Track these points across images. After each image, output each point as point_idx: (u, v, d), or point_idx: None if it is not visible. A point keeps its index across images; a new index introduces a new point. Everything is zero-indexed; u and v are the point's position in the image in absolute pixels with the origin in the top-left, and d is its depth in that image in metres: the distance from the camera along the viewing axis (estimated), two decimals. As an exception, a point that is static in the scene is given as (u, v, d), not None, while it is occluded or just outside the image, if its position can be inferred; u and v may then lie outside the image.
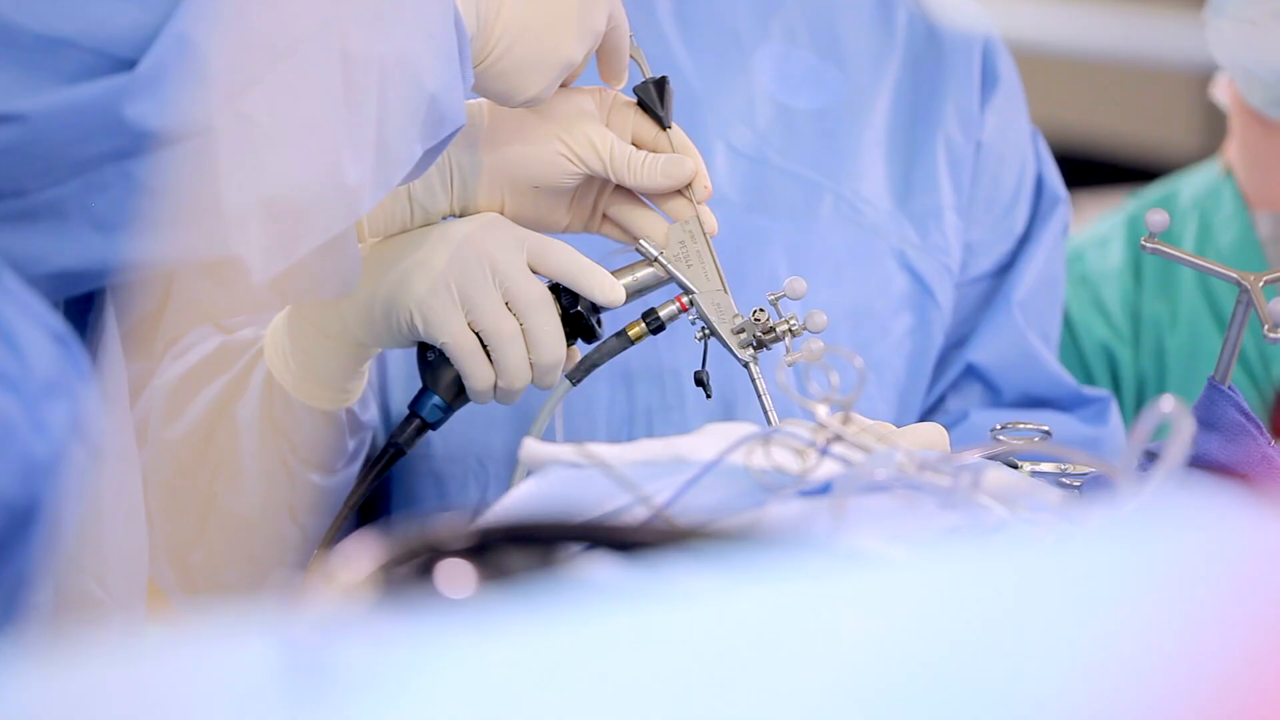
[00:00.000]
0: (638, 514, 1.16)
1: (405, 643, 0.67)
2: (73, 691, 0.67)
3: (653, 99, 1.57)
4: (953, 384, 1.86)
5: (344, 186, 1.30)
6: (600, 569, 0.87)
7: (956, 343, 1.86)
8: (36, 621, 1.26)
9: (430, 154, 1.40)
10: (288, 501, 1.66)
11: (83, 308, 1.34)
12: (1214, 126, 5.38)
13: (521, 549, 0.83)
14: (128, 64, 1.20)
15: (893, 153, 1.84)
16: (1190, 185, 2.24)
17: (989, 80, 1.87)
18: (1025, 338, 1.86)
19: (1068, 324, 2.17)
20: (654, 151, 1.57)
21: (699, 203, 1.57)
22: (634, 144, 1.57)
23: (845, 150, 1.82)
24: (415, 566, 0.80)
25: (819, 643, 0.66)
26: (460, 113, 1.40)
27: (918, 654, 0.66)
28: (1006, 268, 1.88)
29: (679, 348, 1.74)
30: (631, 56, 1.57)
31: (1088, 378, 2.17)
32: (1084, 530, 0.86)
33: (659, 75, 1.58)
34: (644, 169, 1.55)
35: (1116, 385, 2.16)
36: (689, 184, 1.56)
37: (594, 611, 0.70)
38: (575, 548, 0.88)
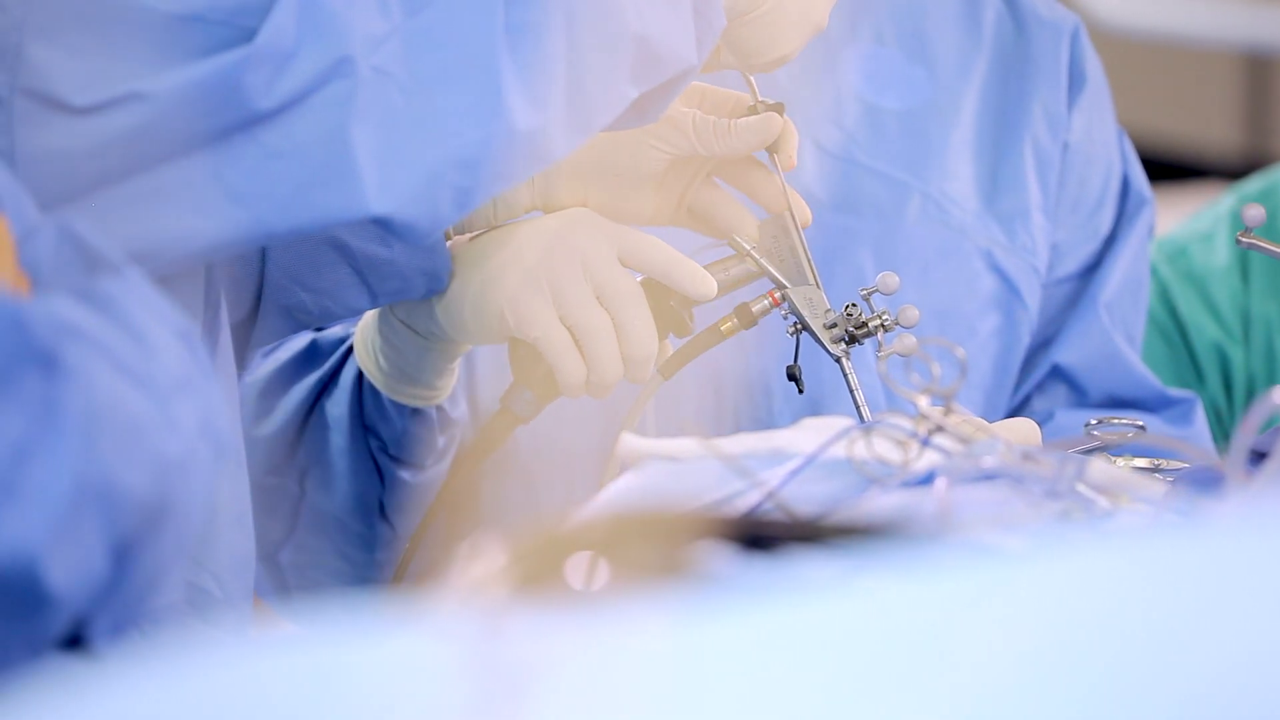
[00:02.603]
0: (746, 505, 1.15)
1: (571, 637, 0.66)
2: (248, 686, 0.67)
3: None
4: (1038, 385, 1.85)
5: (515, 132, 1.29)
6: (724, 563, 0.86)
7: (1042, 343, 1.86)
8: (168, 621, 1.26)
9: (655, 98, 1.37)
10: (378, 499, 1.66)
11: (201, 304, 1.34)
12: (1260, 119, 5.22)
13: (650, 542, 0.82)
14: (253, 33, 1.19)
15: (980, 153, 1.83)
16: None
17: (1076, 80, 1.87)
18: (1111, 339, 1.85)
19: (1177, 323, 2.16)
20: (752, 170, 1.56)
21: (785, 169, 1.56)
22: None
23: (933, 150, 1.82)
24: (547, 561, 0.80)
25: (979, 638, 0.66)
26: (687, 54, 1.37)
27: (1079, 648, 0.65)
28: (1092, 269, 1.87)
29: (766, 345, 1.74)
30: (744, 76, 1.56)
31: (1199, 378, 2.15)
32: (1218, 523, 0.85)
33: (776, 101, 1.56)
34: (733, 133, 1.52)
35: (1228, 386, 2.14)
36: (780, 163, 1.54)
37: (749, 606, 0.69)
38: (702, 541, 0.88)
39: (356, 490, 1.66)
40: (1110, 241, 1.88)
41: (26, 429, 0.92)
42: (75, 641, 0.98)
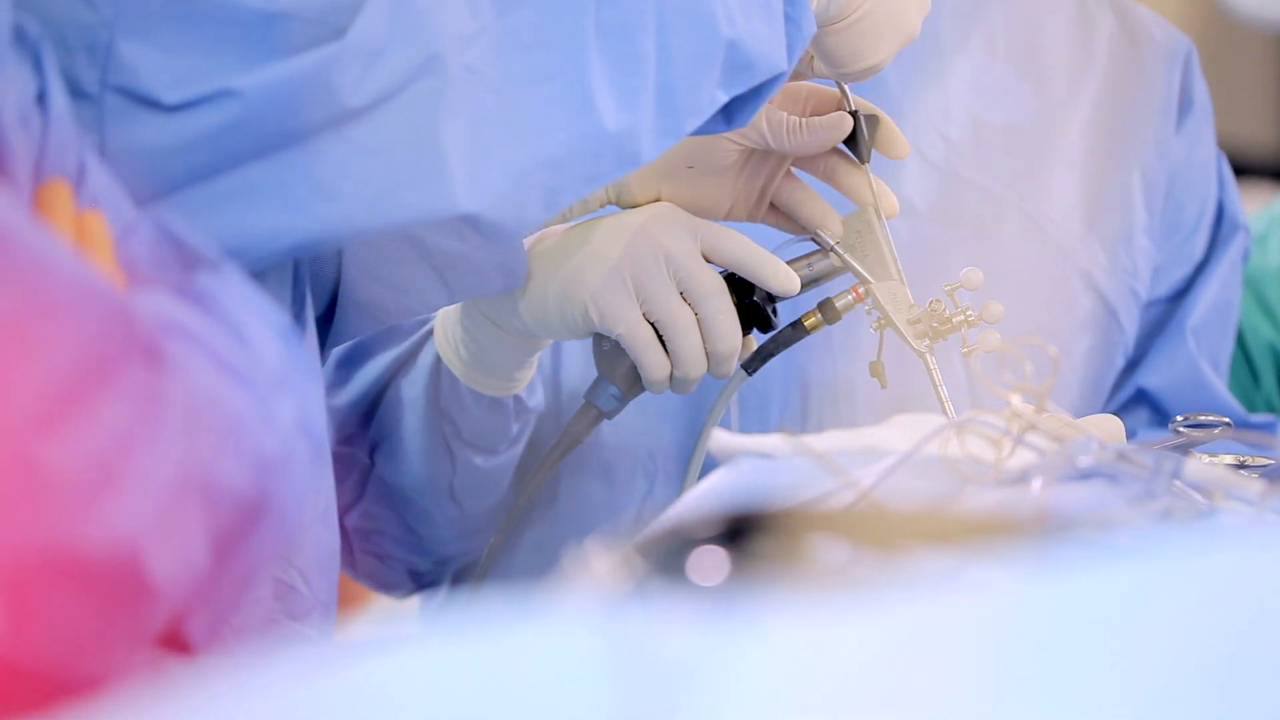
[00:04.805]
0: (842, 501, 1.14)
1: (716, 632, 0.66)
2: (402, 682, 0.66)
3: (860, 131, 1.53)
4: (1122, 406, 1.85)
5: (604, 133, 1.29)
6: (845, 558, 0.85)
7: (1128, 366, 1.85)
8: (257, 617, 1.26)
9: (746, 102, 1.37)
10: (448, 480, 1.66)
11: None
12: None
13: (772, 537, 0.81)
14: (343, 31, 1.19)
15: (1086, 173, 1.81)
16: None
17: (1185, 105, 1.85)
18: (1197, 365, 1.84)
19: None
20: (837, 162, 1.55)
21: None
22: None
23: (1036, 168, 1.80)
24: (666, 556, 0.79)
25: (1152, 634, 0.64)
26: (777, 60, 1.36)
27: (1254, 645, 0.64)
28: (1182, 293, 1.86)
29: (851, 344, 1.73)
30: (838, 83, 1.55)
31: (1254, 379, 2.14)
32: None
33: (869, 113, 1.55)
34: (805, 130, 1.52)
35: None
36: (861, 155, 1.53)
37: (895, 599, 0.68)
38: (817, 536, 0.87)
39: (427, 470, 1.67)
40: (1202, 267, 1.87)
41: (131, 419, 0.92)
42: (170, 641, 0.97)
